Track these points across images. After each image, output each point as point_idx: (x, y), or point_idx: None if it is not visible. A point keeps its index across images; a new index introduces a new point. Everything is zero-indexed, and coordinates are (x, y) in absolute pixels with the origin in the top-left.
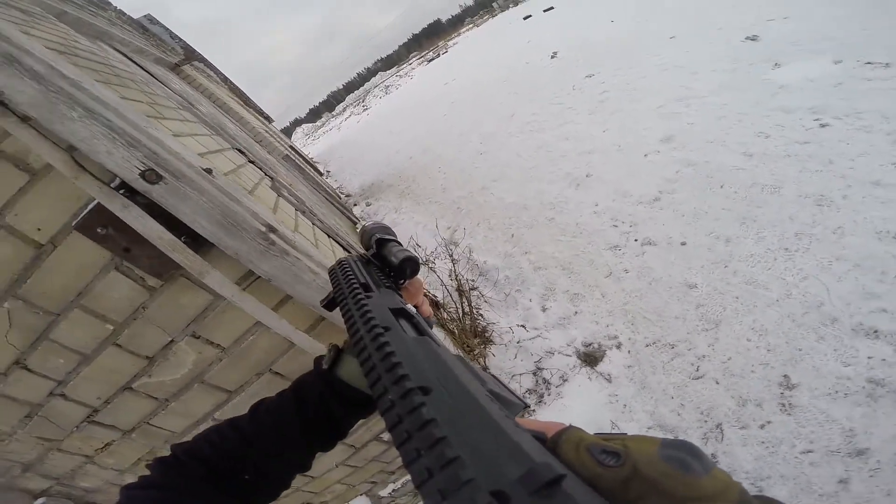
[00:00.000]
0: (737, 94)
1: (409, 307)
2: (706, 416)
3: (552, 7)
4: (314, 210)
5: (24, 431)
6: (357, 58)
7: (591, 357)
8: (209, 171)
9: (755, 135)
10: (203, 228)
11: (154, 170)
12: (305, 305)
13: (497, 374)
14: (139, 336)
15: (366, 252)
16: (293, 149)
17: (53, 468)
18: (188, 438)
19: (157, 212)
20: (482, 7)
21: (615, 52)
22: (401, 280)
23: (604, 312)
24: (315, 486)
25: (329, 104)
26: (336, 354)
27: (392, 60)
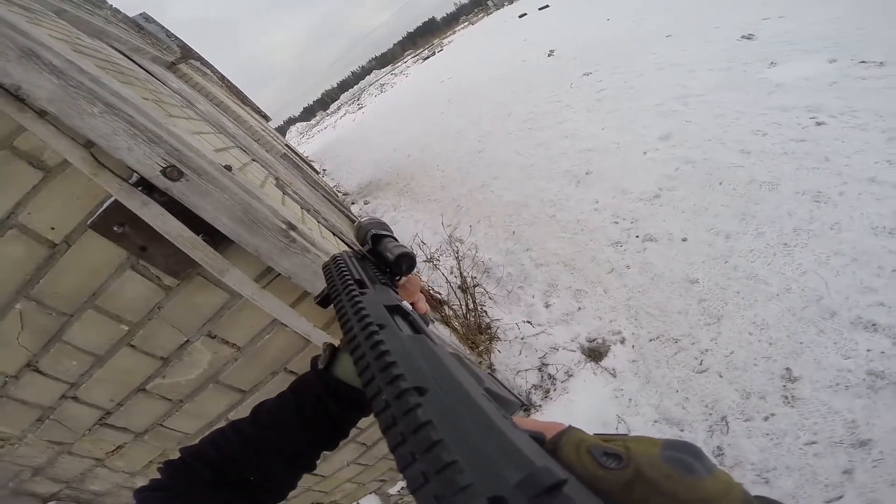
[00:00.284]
0: (734, 93)
1: (405, 304)
2: (711, 409)
3: (547, 5)
4: (317, 208)
5: (35, 435)
6: (351, 56)
7: (596, 352)
8: (229, 168)
9: (752, 133)
10: (224, 226)
11: (176, 166)
12: None
13: (503, 371)
14: (154, 336)
15: (361, 248)
16: (289, 147)
17: (63, 472)
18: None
19: (175, 210)
20: (477, 5)
21: (612, 51)
22: (396, 276)
23: (607, 308)
24: (326, 486)
25: (323, 102)
26: (332, 353)
27: (387, 59)
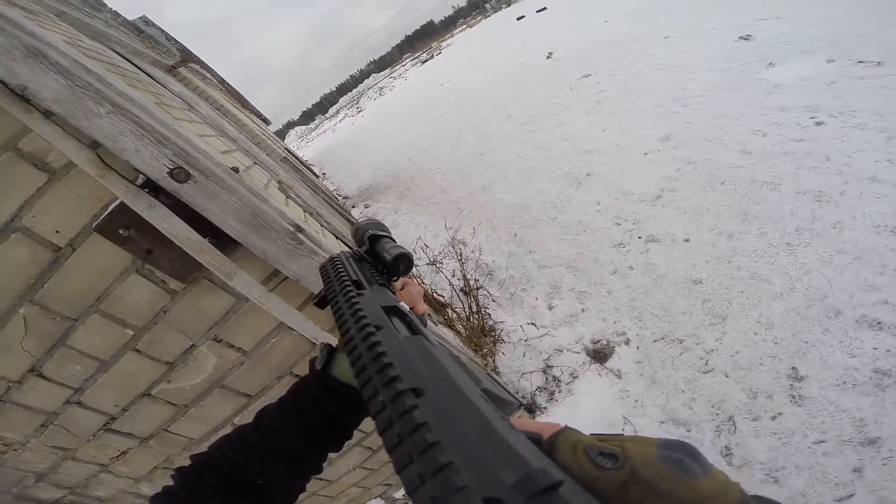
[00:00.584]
0: (733, 94)
1: (403, 305)
2: (718, 409)
3: (545, 8)
4: (319, 211)
5: (39, 441)
6: (350, 59)
7: (600, 354)
8: (236, 170)
9: (752, 133)
10: (231, 228)
11: (184, 168)
12: None
13: (507, 373)
14: (159, 341)
15: (358, 249)
16: (289, 151)
17: (67, 477)
18: (206, 446)
19: (181, 212)
20: (474, 8)
21: (610, 53)
22: (394, 277)
23: (611, 309)
24: (331, 490)
25: (322, 106)
26: (329, 354)
27: (385, 62)
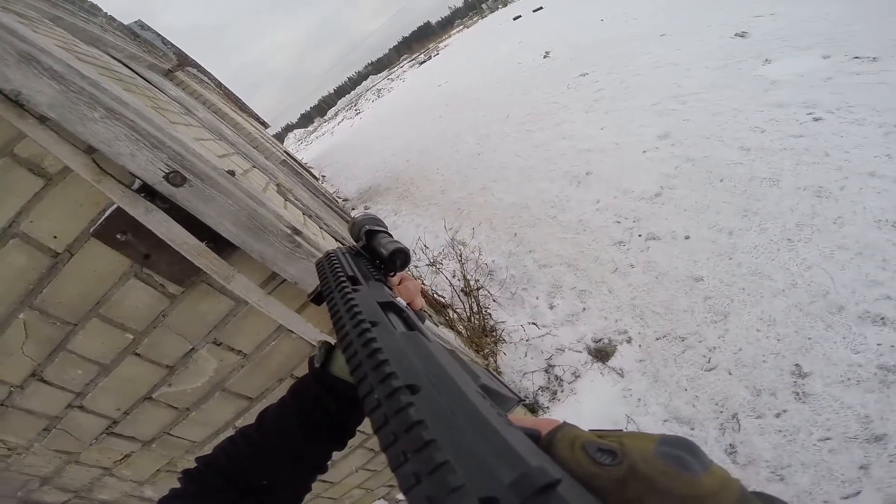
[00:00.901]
0: (730, 90)
1: (399, 300)
2: (721, 407)
3: (541, 7)
4: (319, 214)
5: (42, 445)
6: (347, 62)
7: (602, 352)
8: (232, 174)
9: (750, 129)
10: (228, 231)
11: (179, 172)
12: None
13: (509, 373)
14: (159, 344)
15: (355, 244)
16: (288, 154)
17: (71, 481)
18: (208, 448)
19: (178, 216)
20: (471, 9)
21: (607, 51)
22: (391, 272)
23: (612, 308)
24: (334, 492)
25: (321, 109)
26: (328, 351)
27: (383, 64)
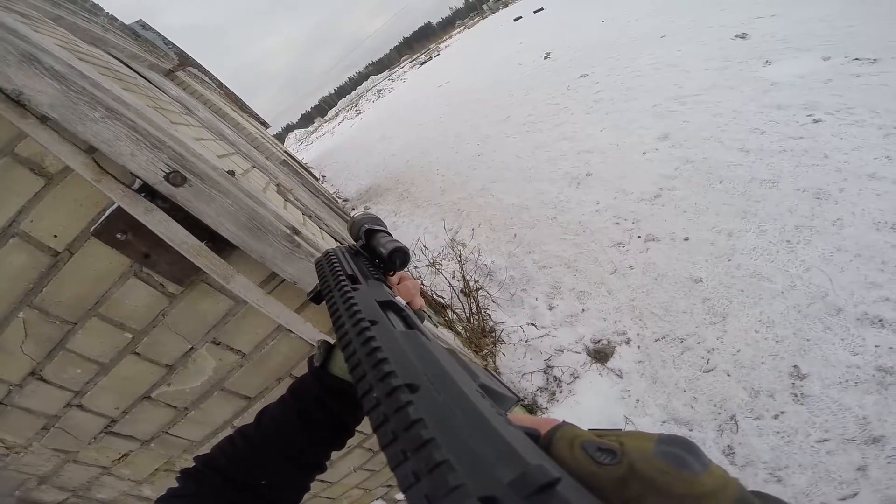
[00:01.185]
0: (730, 92)
1: (399, 299)
2: (720, 409)
3: (542, 8)
4: (318, 214)
5: (41, 443)
6: (348, 62)
7: (601, 353)
8: (232, 174)
9: (750, 131)
10: (227, 231)
11: (180, 172)
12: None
13: (507, 374)
14: (158, 344)
15: (354, 243)
16: (288, 154)
17: (69, 480)
18: (207, 447)
19: (178, 216)
20: (472, 9)
21: (608, 53)
22: (390, 271)
23: (611, 309)
24: (332, 492)
25: (321, 109)
26: (327, 350)
27: (383, 64)
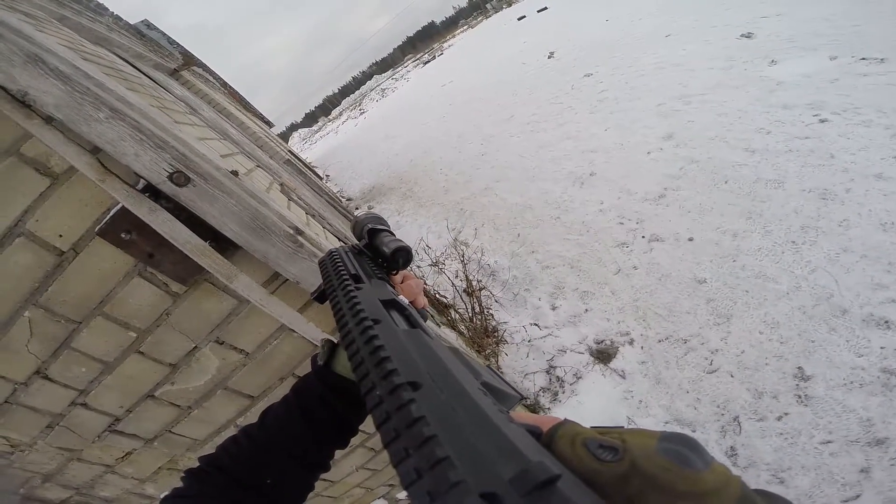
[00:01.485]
0: (735, 91)
1: (402, 298)
2: (723, 410)
3: (546, 7)
4: (322, 213)
5: (45, 442)
6: (352, 61)
7: (604, 354)
8: (235, 174)
9: (756, 131)
10: (231, 231)
11: (183, 172)
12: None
13: (510, 374)
14: (162, 343)
15: (357, 243)
16: (292, 153)
17: (73, 478)
18: (210, 446)
19: (181, 216)
20: (475, 9)
21: (612, 52)
22: (393, 270)
23: (614, 309)
24: (334, 491)
25: (325, 108)
26: (331, 349)
27: (387, 63)
